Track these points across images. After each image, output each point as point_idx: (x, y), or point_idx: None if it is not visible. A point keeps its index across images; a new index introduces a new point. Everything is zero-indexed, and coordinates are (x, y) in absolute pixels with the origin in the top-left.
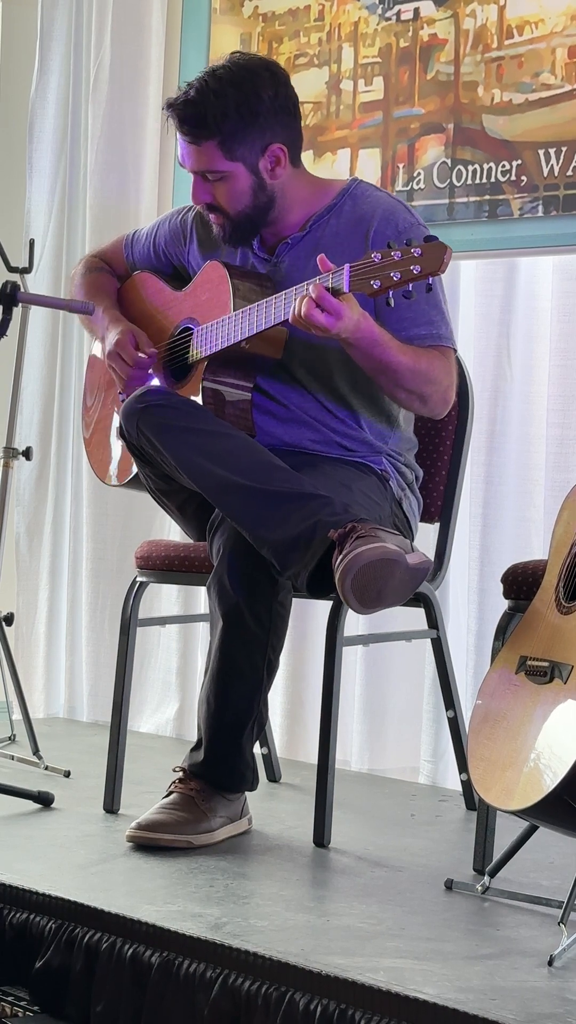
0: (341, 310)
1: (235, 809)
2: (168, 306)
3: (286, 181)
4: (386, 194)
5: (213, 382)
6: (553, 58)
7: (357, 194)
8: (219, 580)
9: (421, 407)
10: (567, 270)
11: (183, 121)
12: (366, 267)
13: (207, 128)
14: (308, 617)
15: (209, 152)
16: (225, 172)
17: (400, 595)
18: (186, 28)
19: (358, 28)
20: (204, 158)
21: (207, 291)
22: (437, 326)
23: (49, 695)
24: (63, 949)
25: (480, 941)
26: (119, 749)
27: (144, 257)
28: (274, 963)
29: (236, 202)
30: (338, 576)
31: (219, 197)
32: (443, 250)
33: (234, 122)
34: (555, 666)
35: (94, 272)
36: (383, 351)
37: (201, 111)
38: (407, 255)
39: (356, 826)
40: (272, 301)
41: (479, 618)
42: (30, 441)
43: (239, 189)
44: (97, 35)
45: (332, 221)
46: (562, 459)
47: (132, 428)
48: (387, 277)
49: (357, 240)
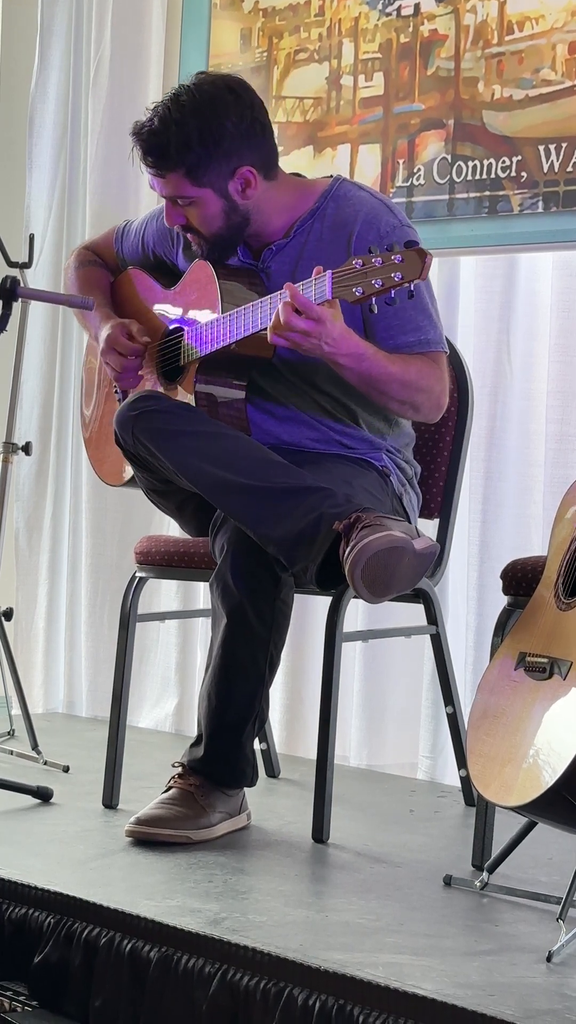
0: (323, 315)
1: (234, 805)
2: (158, 304)
3: (261, 196)
4: (369, 194)
5: (206, 384)
6: (553, 54)
7: (339, 195)
8: (222, 578)
9: (414, 415)
10: (567, 266)
11: (147, 153)
12: (348, 274)
13: (170, 159)
14: (308, 613)
15: (176, 181)
16: (194, 198)
17: (410, 580)
18: (186, 23)
19: (358, 23)
20: (171, 186)
21: (195, 291)
22: (425, 331)
23: (48, 690)
24: (62, 944)
25: (479, 937)
26: (118, 744)
27: (133, 251)
28: (273, 958)
29: (209, 224)
30: (347, 567)
31: (192, 220)
32: (423, 256)
33: (197, 152)
34: (554, 662)
35: (87, 266)
36: (371, 365)
37: (163, 142)
38: (388, 262)
39: (355, 822)
40: (260, 304)
41: (478, 614)
42: (30, 436)
43: (210, 213)
44: (97, 30)
45: (316, 225)
46: (562, 455)
47: (127, 435)
48: (369, 284)
49: (340, 245)
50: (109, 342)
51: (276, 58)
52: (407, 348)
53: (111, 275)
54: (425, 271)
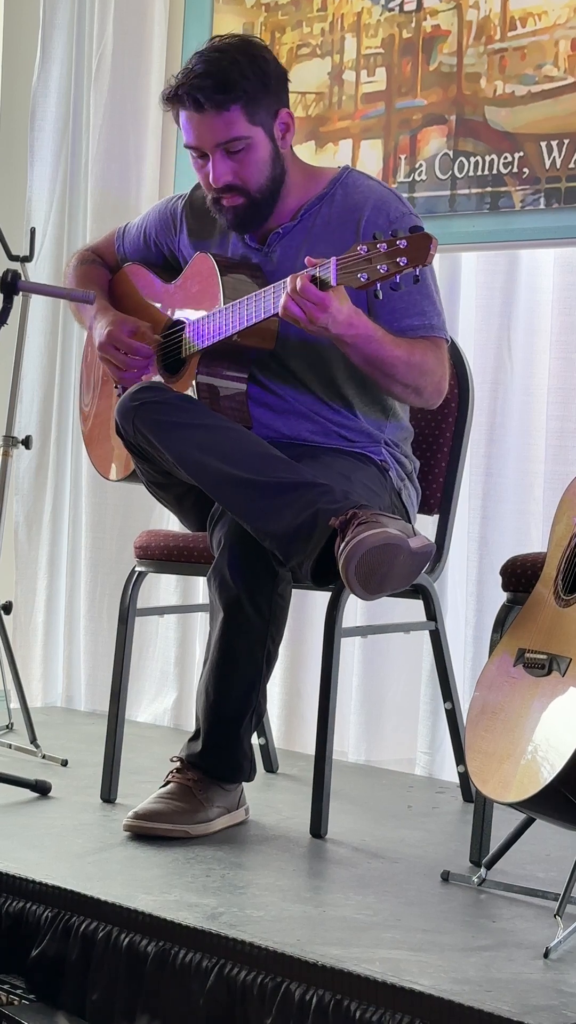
0: (326, 301)
1: (232, 799)
2: (159, 299)
3: (288, 157)
4: (378, 183)
5: (207, 376)
6: (556, 50)
7: (349, 183)
8: (220, 572)
9: (416, 399)
10: (568, 263)
11: (204, 90)
12: (353, 259)
13: (233, 89)
14: (306, 608)
15: (233, 118)
16: (248, 138)
17: (404, 579)
18: (189, 17)
19: (361, 19)
20: (227, 126)
21: (197, 283)
22: (429, 316)
23: (47, 684)
24: (59, 938)
25: (476, 933)
26: (116, 738)
27: (135, 248)
28: (270, 953)
29: (259, 174)
30: (341, 563)
31: (242, 172)
32: (428, 240)
33: (252, 82)
34: (553, 659)
35: (86, 264)
36: (378, 346)
37: (222, 76)
38: (393, 247)
39: (353, 817)
40: (262, 294)
41: (478, 610)
42: (30, 430)
43: (261, 158)
44: (99, 24)
45: (324, 210)
46: (562, 451)
47: (128, 426)
48: (374, 270)
49: (348, 229)
50: (110, 338)
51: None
52: (411, 331)
53: (110, 274)
54: (431, 255)
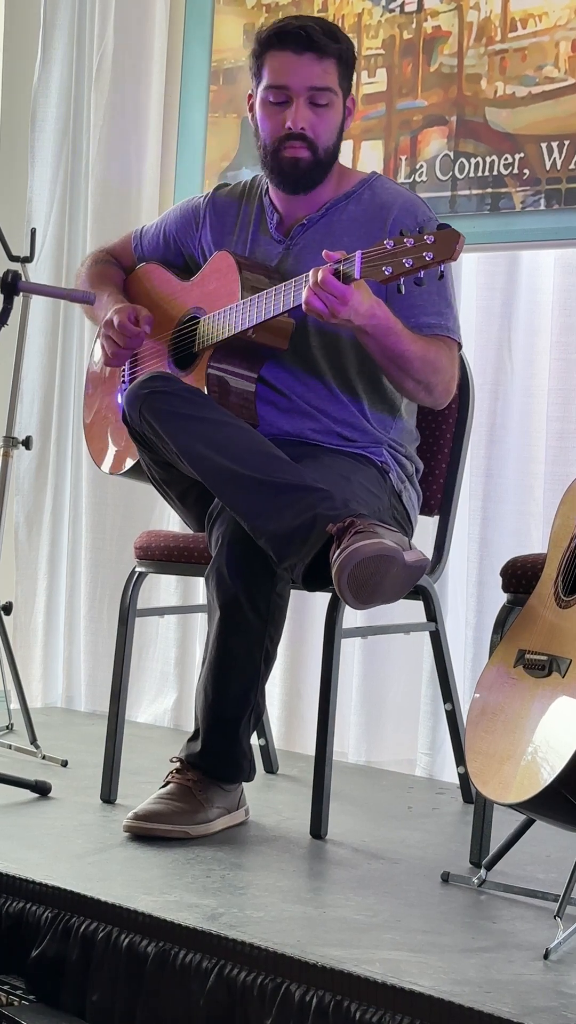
0: (347, 294)
1: (232, 800)
2: (175, 295)
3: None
4: (405, 189)
5: (218, 370)
6: (557, 51)
7: (377, 186)
8: (217, 570)
9: (426, 397)
10: (569, 264)
11: (315, 31)
12: (378, 253)
13: (339, 41)
14: (307, 609)
15: (330, 68)
16: (335, 94)
17: (395, 592)
18: (189, 18)
19: (362, 19)
20: (324, 73)
21: (215, 280)
22: (446, 317)
23: (47, 684)
24: (59, 938)
25: (476, 934)
26: (117, 739)
27: (153, 247)
28: (270, 954)
29: (329, 134)
30: (334, 571)
31: (318, 126)
32: (456, 237)
33: (348, 50)
34: (553, 660)
35: (100, 264)
36: (397, 339)
37: (330, 28)
38: (419, 242)
39: (353, 818)
40: (282, 288)
41: (478, 611)
42: (30, 431)
43: (335, 122)
44: (100, 24)
45: (351, 207)
46: (562, 453)
47: (135, 413)
48: (399, 264)
49: (376, 226)
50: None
51: None
52: (427, 329)
53: (125, 274)
54: (457, 252)
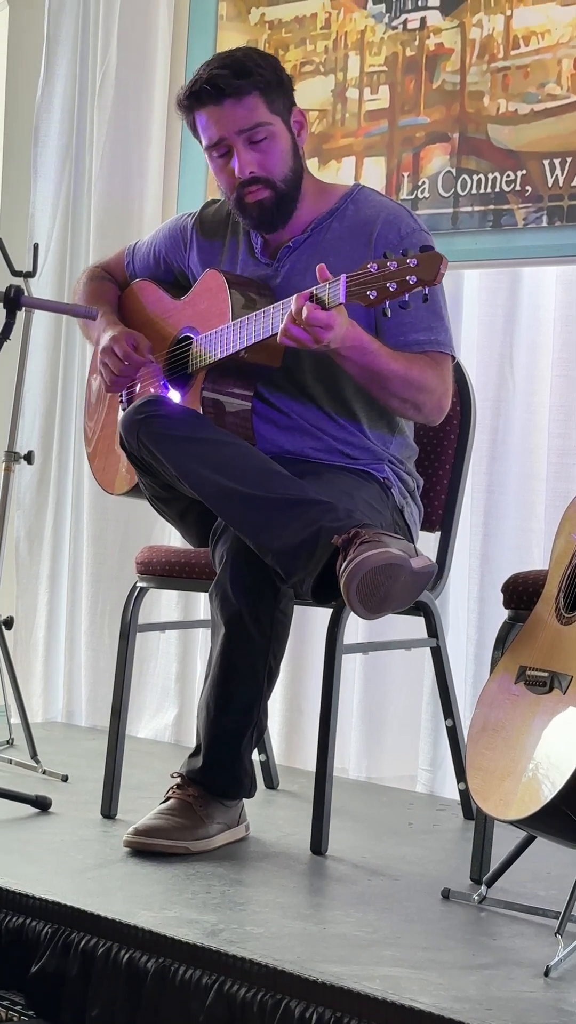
0: (331, 321)
1: (233, 816)
2: (167, 314)
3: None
4: (389, 199)
5: (213, 392)
6: (559, 69)
7: (360, 199)
8: (221, 587)
9: (416, 415)
10: (570, 280)
11: (223, 77)
12: (362, 278)
13: (251, 75)
14: (308, 624)
15: (253, 103)
16: (270, 125)
17: (405, 599)
18: (192, 35)
19: (364, 36)
20: (249, 112)
21: (206, 300)
22: (436, 332)
23: (48, 699)
24: (59, 954)
25: (476, 951)
26: (117, 754)
27: (144, 265)
28: (270, 970)
29: (282, 164)
30: (343, 582)
31: (266, 162)
32: (439, 260)
33: (267, 73)
34: (555, 676)
35: (96, 280)
36: (373, 359)
37: (238, 66)
38: (403, 265)
39: (353, 834)
40: (271, 310)
41: (479, 627)
42: (31, 445)
43: (283, 148)
44: (103, 41)
45: (335, 225)
46: (563, 469)
47: (132, 439)
48: (383, 288)
49: (360, 243)
50: (112, 342)
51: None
52: (417, 346)
53: (119, 290)
54: (440, 275)
